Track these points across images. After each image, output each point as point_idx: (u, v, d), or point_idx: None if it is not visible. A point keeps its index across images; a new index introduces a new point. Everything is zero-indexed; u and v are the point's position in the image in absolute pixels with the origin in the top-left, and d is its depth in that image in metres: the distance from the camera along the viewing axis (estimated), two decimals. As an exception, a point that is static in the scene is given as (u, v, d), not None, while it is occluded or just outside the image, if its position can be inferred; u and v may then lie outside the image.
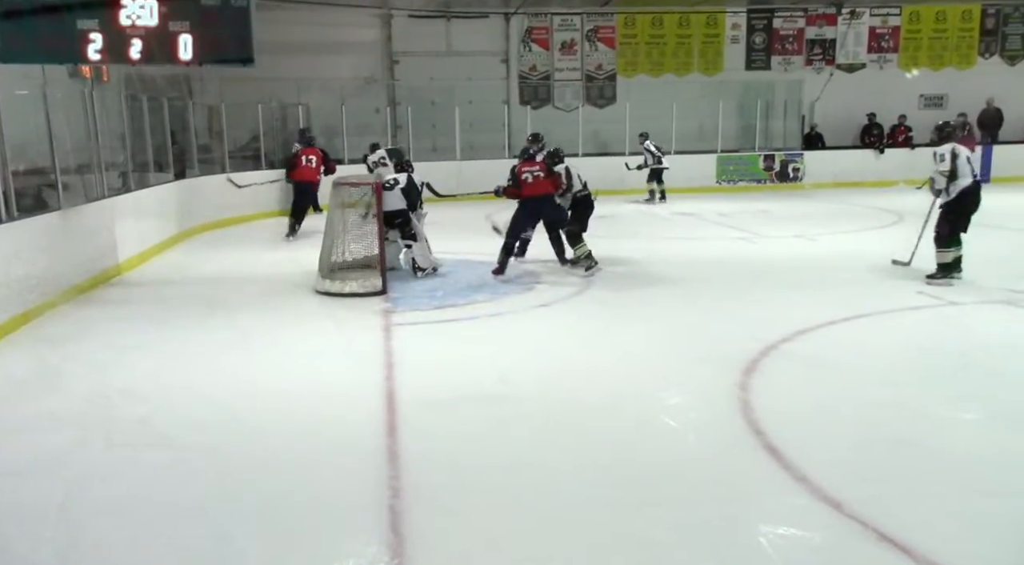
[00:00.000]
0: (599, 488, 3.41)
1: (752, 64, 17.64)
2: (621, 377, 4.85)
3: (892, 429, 3.96)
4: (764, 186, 16.52)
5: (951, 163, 6.96)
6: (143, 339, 5.88)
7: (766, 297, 6.87)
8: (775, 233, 10.46)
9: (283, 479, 3.55)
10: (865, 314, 6.10)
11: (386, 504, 3.26)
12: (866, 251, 9.06)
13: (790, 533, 3.02)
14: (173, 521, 3.21)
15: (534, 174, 7.78)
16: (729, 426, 4.01)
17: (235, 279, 8.23)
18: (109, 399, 4.58)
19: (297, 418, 4.25)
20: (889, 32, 17.91)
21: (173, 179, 11.01)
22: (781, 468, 3.51)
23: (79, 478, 3.60)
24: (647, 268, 8.26)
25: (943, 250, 7.13)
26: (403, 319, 6.29)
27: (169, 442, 3.96)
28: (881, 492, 3.27)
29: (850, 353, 5.22)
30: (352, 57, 16.03)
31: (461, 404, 4.39)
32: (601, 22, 17.15)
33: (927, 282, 7.08)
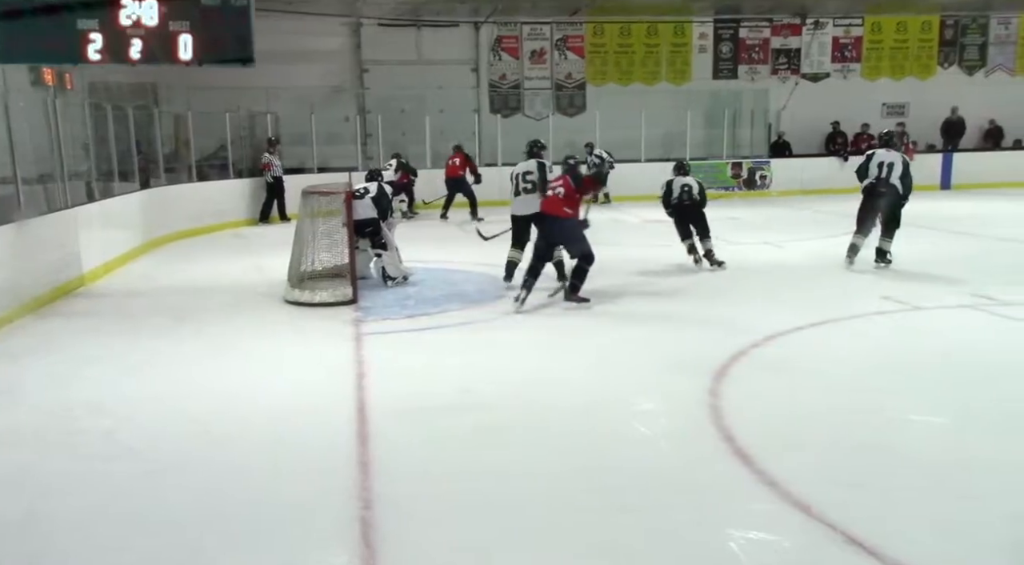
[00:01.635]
0: (572, 496, 3.41)
1: (719, 73, 17.87)
2: (593, 384, 4.86)
3: (860, 433, 4.01)
4: (732, 193, 16.71)
5: (864, 162, 8.21)
6: (108, 351, 5.77)
7: (736, 303, 6.94)
8: (743, 240, 10.57)
9: (253, 490, 3.50)
10: (833, 319, 6.18)
11: (358, 515, 3.23)
12: (832, 257, 9.20)
13: (760, 538, 3.04)
14: (142, 534, 3.14)
15: (555, 190, 6.91)
16: (700, 432, 4.04)
17: (203, 289, 8.13)
18: (72, 412, 4.49)
19: (267, 429, 4.20)
20: (852, 42, 18.26)
21: (139, 188, 10.85)
22: (751, 473, 3.54)
23: (42, 492, 3.52)
24: (618, 275, 8.30)
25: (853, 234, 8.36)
26: (374, 328, 6.25)
27: (136, 455, 3.89)
28: (850, 496, 3.30)
29: (819, 358, 5.29)
30: (321, 65, 15.95)
31: (433, 413, 4.37)
32: (570, 31, 17.27)
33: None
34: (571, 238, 6.87)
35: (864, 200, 8.25)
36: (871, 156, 8.18)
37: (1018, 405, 4.35)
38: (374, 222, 7.60)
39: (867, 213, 8.23)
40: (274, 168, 13.22)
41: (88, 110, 9.34)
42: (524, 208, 7.45)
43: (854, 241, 8.34)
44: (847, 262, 8.31)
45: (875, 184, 8.03)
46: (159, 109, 12.44)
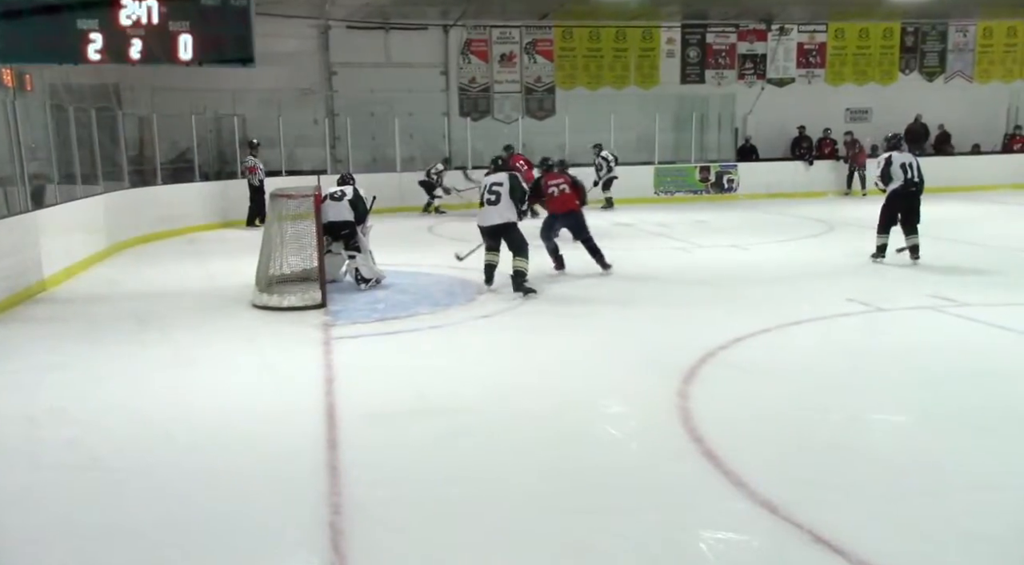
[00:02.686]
0: (542, 498, 3.41)
1: (687, 78, 18.05)
2: (562, 387, 4.88)
3: (826, 433, 4.08)
4: (700, 197, 16.89)
5: (885, 167, 8.39)
6: (71, 358, 5.66)
7: (703, 306, 7.02)
8: (711, 243, 10.69)
9: (221, 498, 3.45)
10: (798, 321, 6.27)
11: (327, 521, 3.20)
12: (798, 259, 9.35)
13: (729, 538, 3.07)
14: (107, 545, 3.09)
15: (560, 187, 7.97)
16: (669, 434, 4.07)
17: (169, 294, 8.01)
18: (34, 420, 4.40)
19: (234, 435, 4.15)
20: (816, 48, 18.56)
21: (102, 191, 10.66)
22: (720, 474, 3.58)
23: (4, 503, 3.44)
24: (586, 278, 8.34)
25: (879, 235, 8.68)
26: (344, 332, 6.21)
27: (100, 464, 3.82)
28: (816, 495, 3.35)
29: (785, 360, 5.37)
30: (289, 68, 15.78)
31: (403, 417, 4.35)
32: (539, 35, 17.33)
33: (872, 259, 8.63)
34: (582, 226, 8.31)
35: (894, 201, 8.45)
36: (890, 160, 8.37)
37: (977, 403, 4.44)
38: (350, 224, 7.56)
39: (895, 213, 8.48)
40: (259, 171, 12.97)
41: (49, 112, 9.16)
42: (485, 219, 7.48)
43: (884, 241, 8.65)
44: (875, 261, 8.65)
45: (905, 185, 8.30)
46: (122, 111, 12.25)
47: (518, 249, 7.37)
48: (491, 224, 7.44)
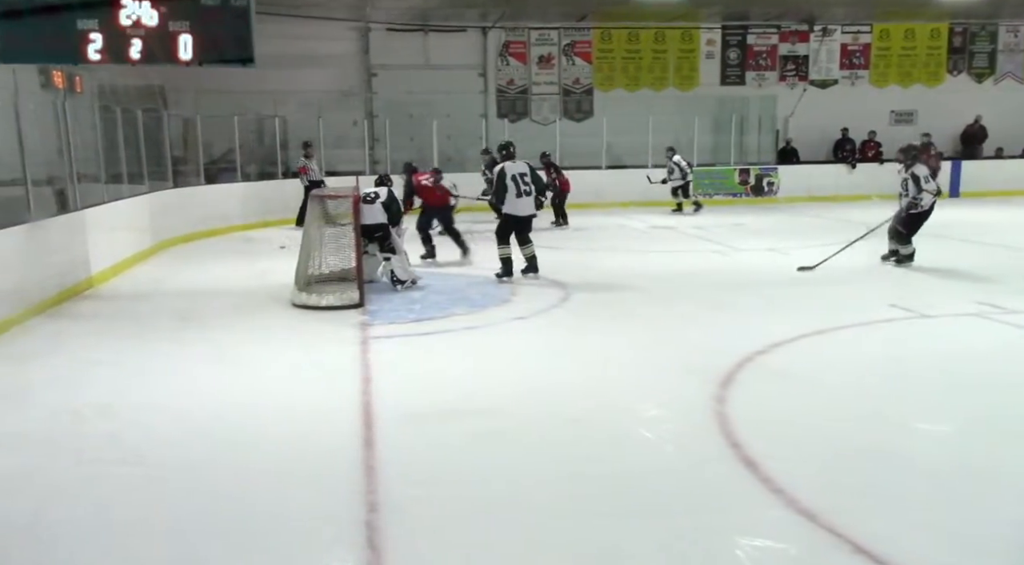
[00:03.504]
0: (575, 501, 3.40)
1: (727, 79, 17.87)
2: (597, 390, 4.85)
3: (867, 441, 3.99)
4: (739, 200, 16.70)
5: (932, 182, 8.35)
6: (115, 354, 5.79)
7: (741, 310, 6.93)
8: (750, 246, 10.56)
9: (258, 494, 3.50)
10: (839, 327, 6.16)
11: (363, 519, 3.23)
12: (840, 264, 9.18)
13: (766, 545, 3.03)
14: (144, 539, 3.15)
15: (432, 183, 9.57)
16: (705, 438, 4.03)
17: (210, 292, 8.15)
18: (78, 415, 4.50)
19: (272, 433, 4.20)
20: (860, 49, 18.23)
21: (147, 191, 10.89)
22: (757, 480, 3.53)
23: (47, 496, 3.52)
24: (624, 281, 8.29)
25: (906, 245, 8.55)
26: (380, 332, 6.25)
27: (141, 458, 3.89)
28: (856, 504, 3.29)
29: (825, 365, 5.27)
30: (330, 70, 16.00)
31: (438, 417, 4.37)
32: (578, 37, 17.30)
33: (883, 261, 8.66)
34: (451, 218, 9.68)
35: (929, 213, 8.42)
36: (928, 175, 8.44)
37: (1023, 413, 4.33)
38: (383, 227, 7.62)
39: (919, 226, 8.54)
40: (311, 171, 13.08)
41: (98, 113, 9.39)
42: (527, 209, 8.07)
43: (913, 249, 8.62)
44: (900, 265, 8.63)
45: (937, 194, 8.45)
46: (168, 112, 12.50)
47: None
48: (529, 213, 8.06)
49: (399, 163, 15.05)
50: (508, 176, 7.92)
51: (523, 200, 7.96)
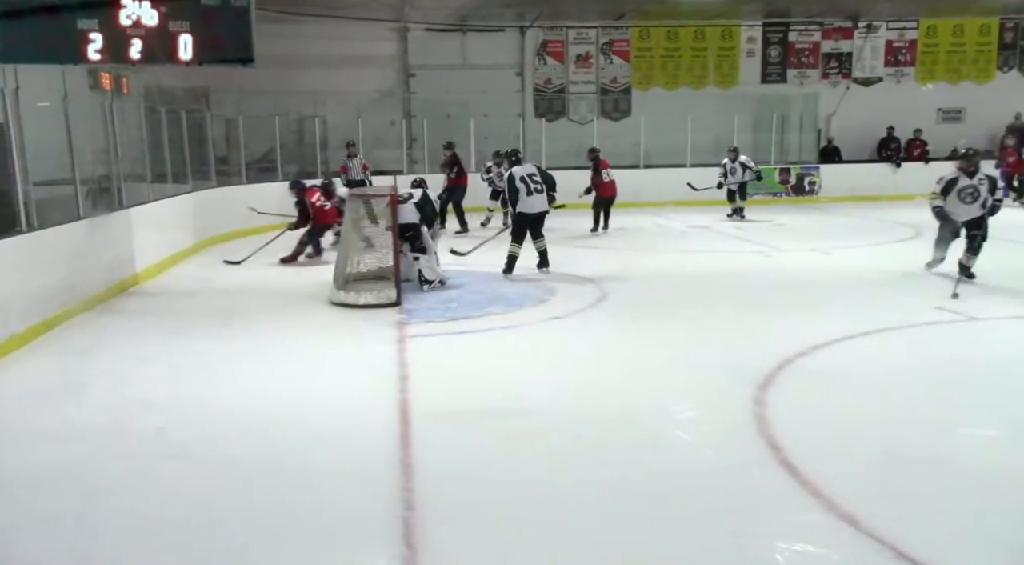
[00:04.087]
0: (612, 503, 3.39)
1: (768, 77, 17.62)
2: (635, 390, 4.83)
3: (911, 445, 3.92)
4: (780, 199, 16.46)
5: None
6: (160, 350, 5.91)
7: (782, 311, 6.83)
8: (791, 247, 10.41)
9: (297, 490, 3.55)
10: (883, 329, 6.05)
11: (400, 516, 3.25)
12: (883, 265, 9.01)
13: (807, 550, 2.99)
14: (188, 533, 3.21)
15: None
16: (744, 441, 3.98)
17: (251, 290, 8.28)
18: (126, 410, 4.61)
19: (312, 429, 4.25)
20: (906, 46, 17.85)
21: (191, 190, 11.10)
22: (798, 484, 3.48)
23: (96, 488, 3.62)
24: (662, 281, 8.24)
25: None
26: (417, 331, 6.29)
27: (185, 453, 3.98)
28: (900, 509, 3.23)
29: (868, 368, 5.18)
30: (369, 70, 16.13)
31: (474, 416, 4.39)
32: (616, 35, 17.20)
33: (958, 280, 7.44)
34: None
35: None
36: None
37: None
38: (415, 227, 7.65)
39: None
40: (350, 171, 13.18)
41: (144, 113, 9.59)
42: (539, 206, 8.28)
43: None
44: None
45: None
46: (211, 113, 12.72)
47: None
48: (541, 210, 8.27)
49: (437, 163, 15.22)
50: (517, 179, 8.23)
51: (534, 198, 8.22)
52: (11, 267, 5.97)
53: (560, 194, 8.64)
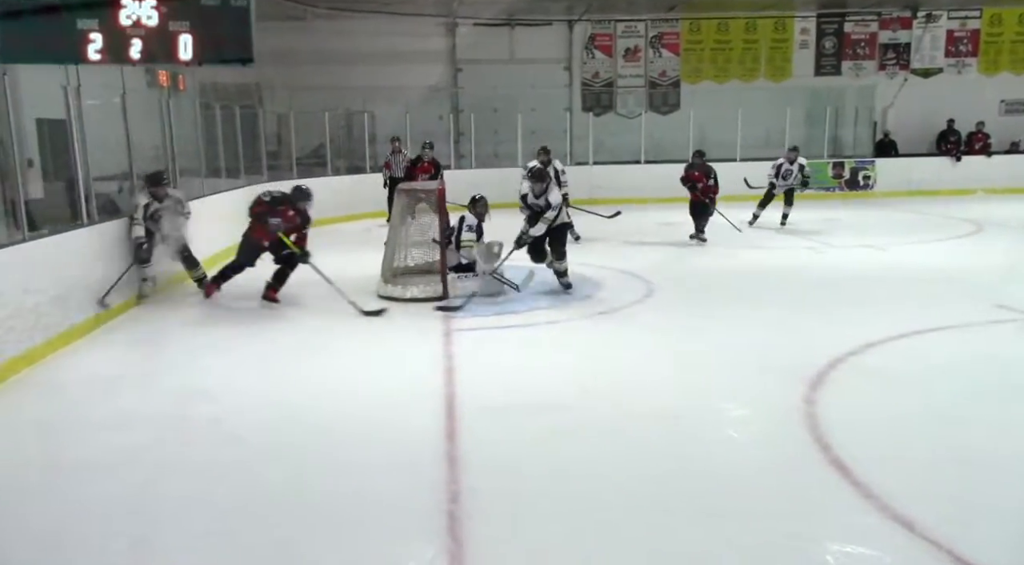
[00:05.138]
0: (658, 500, 3.36)
1: (821, 70, 17.24)
2: (682, 388, 4.78)
3: (966, 447, 3.80)
4: (833, 194, 16.09)
5: None
6: (216, 341, 6.06)
7: (834, 309, 6.69)
8: (844, 243, 10.18)
9: (345, 481, 3.60)
10: (940, 327, 5.88)
11: (445, 509, 3.28)
12: (941, 262, 8.75)
13: (859, 552, 2.92)
14: (239, 521, 3.28)
15: None
16: (795, 440, 3.91)
17: (301, 282, 8.38)
18: (184, 398, 4.73)
19: (359, 421, 4.31)
20: (968, 35, 17.28)
21: (243, 184, 11.31)
22: (849, 484, 3.41)
23: (153, 475, 3.72)
24: (711, 278, 8.13)
25: None
26: (464, 325, 6.32)
27: (239, 443, 4.06)
28: (956, 513, 3.14)
29: (924, 367, 5.04)
30: (417, 66, 16.24)
31: (520, 411, 4.39)
32: (666, 28, 17.01)
33: None
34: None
35: None
36: None
37: None
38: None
39: None
40: (393, 168, 13.05)
41: (199, 110, 9.80)
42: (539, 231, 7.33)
43: None
44: None
45: None
46: (263, 109, 12.95)
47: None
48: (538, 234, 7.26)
49: (484, 157, 15.28)
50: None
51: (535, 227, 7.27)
52: (73, 258, 6.17)
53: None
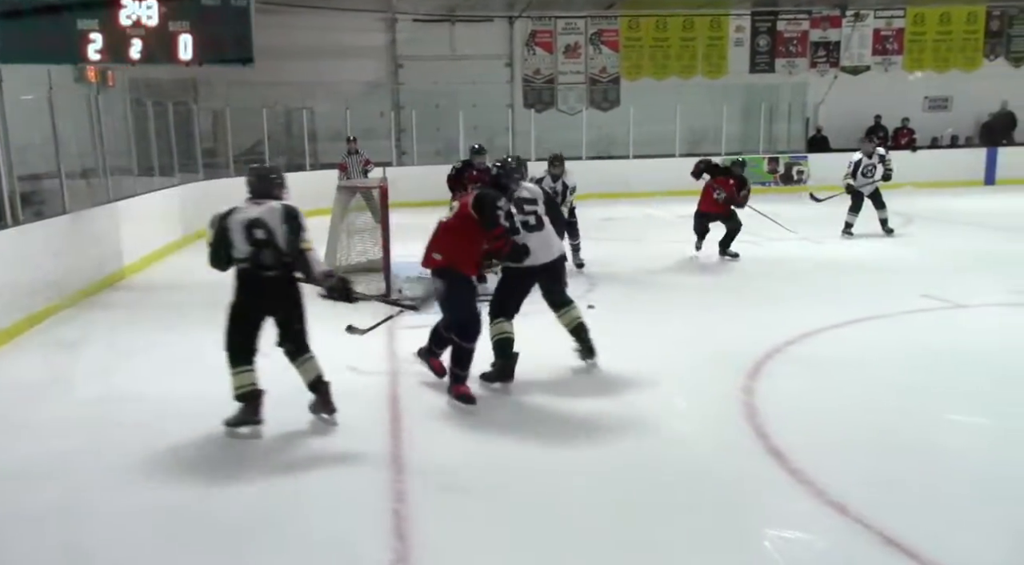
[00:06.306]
0: (605, 492, 3.40)
1: (756, 67, 17.64)
2: (627, 381, 4.84)
3: (898, 433, 3.94)
4: (769, 189, 16.48)
5: None
6: (147, 343, 5.89)
7: (771, 300, 6.86)
8: (781, 235, 10.43)
9: (288, 483, 3.54)
10: (870, 317, 6.08)
11: (391, 508, 3.26)
12: (873, 254, 9.06)
13: (795, 537, 3.01)
14: (179, 526, 3.21)
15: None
16: (734, 430, 4.00)
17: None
18: (115, 403, 4.59)
19: (303, 422, 4.24)
20: (893, 34, 17.88)
21: (178, 183, 11.03)
22: (785, 472, 3.50)
23: (83, 483, 3.60)
24: (651, 272, 8.25)
25: None
26: (407, 322, 6.27)
27: (174, 451, 3.95)
28: (887, 496, 3.25)
29: (856, 356, 5.21)
30: (357, 61, 16.06)
31: (466, 408, 4.38)
32: (605, 25, 17.17)
33: None
34: None
35: None
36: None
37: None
38: None
39: None
40: (349, 170, 12.18)
41: (129, 106, 9.51)
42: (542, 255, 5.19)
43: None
44: None
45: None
46: (198, 105, 12.62)
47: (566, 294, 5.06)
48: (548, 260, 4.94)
49: (425, 154, 15.19)
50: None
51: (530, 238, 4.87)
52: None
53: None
